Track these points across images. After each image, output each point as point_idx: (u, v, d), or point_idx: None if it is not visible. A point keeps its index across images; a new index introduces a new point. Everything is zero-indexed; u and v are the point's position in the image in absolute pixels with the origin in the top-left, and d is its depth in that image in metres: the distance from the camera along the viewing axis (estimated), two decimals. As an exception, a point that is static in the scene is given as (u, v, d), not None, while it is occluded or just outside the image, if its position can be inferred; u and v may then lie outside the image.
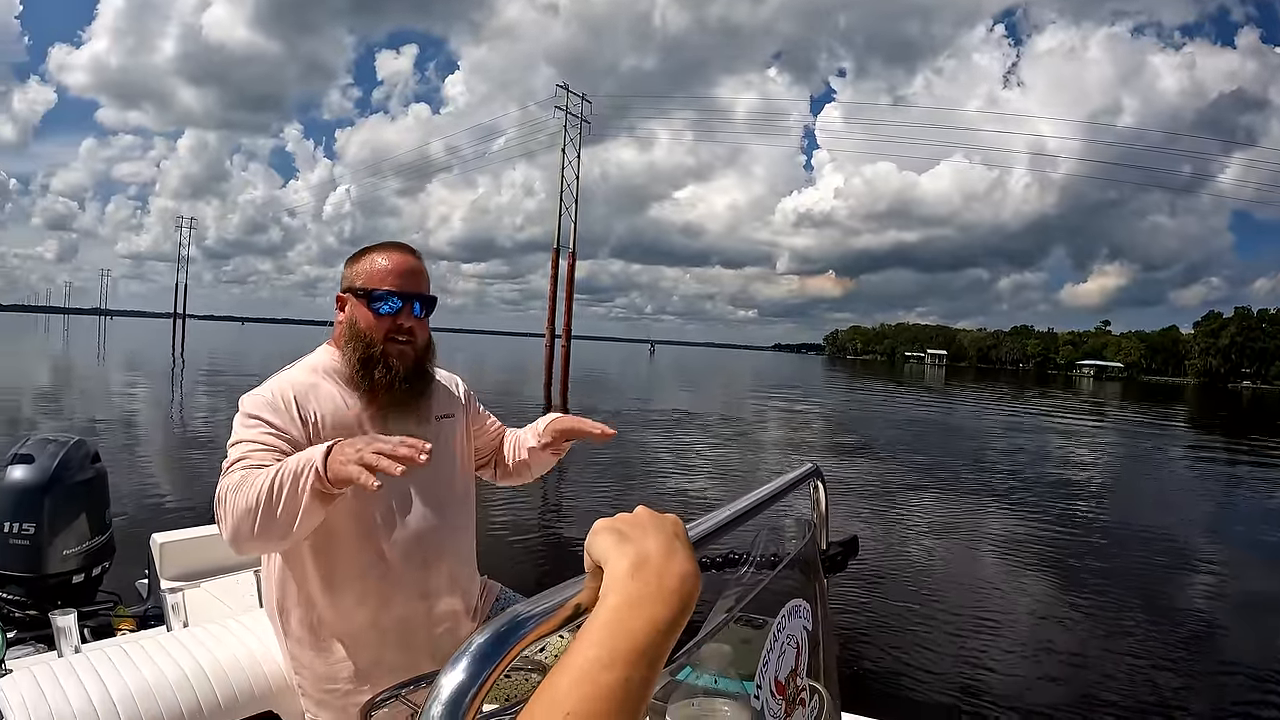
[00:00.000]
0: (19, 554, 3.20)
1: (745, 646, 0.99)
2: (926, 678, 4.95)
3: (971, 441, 21.41)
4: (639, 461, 14.27)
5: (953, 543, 9.10)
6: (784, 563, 1.08)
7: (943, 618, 6.21)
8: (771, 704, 1.00)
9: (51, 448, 3.34)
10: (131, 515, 7.66)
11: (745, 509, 0.94)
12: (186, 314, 71.00)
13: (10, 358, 39.38)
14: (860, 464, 14.84)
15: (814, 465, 1.25)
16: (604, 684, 0.48)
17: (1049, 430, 26.41)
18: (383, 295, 1.73)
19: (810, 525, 1.25)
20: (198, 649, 1.84)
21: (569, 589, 0.60)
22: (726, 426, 21.87)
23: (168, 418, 18.03)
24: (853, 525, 9.23)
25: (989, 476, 14.24)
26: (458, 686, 0.48)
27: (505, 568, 6.60)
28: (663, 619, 0.53)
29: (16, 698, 1.59)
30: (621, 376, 53.65)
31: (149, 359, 44.10)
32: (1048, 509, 11.20)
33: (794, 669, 1.07)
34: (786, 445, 18.47)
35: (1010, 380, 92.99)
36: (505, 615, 0.54)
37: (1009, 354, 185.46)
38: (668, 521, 0.63)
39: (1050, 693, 4.88)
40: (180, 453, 13.00)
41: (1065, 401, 47.35)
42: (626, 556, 0.57)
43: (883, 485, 12.65)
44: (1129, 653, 5.61)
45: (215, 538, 3.28)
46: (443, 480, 1.85)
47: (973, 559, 8.46)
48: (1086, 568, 8.14)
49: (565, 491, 11.60)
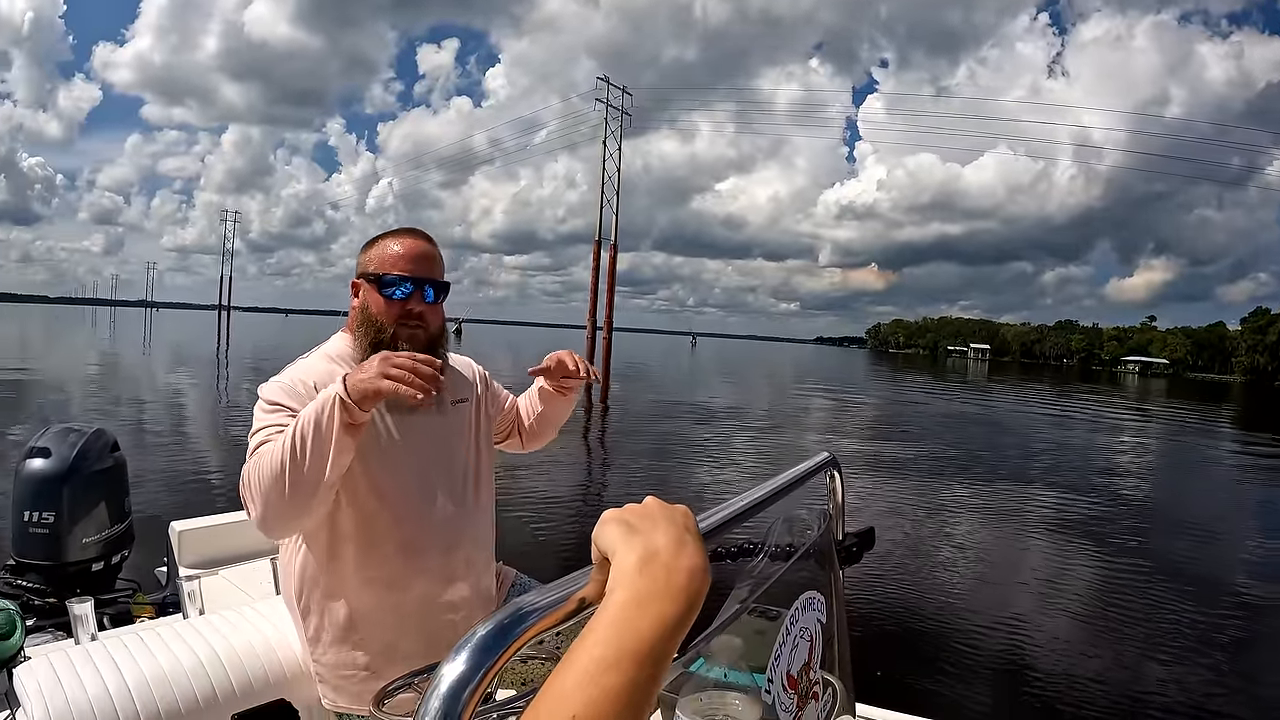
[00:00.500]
0: (39, 542, 3.23)
1: (759, 638, 0.98)
2: (943, 672, 4.93)
3: (1010, 437, 21.14)
4: (671, 451, 14.34)
5: (983, 538, 9.02)
6: (798, 554, 1.06)
7: (963, 613, 6.18)
8: (783, 698, 0.98)
9: (71, 437, 3.36)
10: (152, 503, 7.72)
11: (759, 499, 0.93)
12: (231, 306, 71.86)
13: (58, 349, 40.09)
14: (892, 457, 14.75)
15: (830, 455, 1.23)
16: (610, 685, 0.46)
17: (1090, 427, 25.97)
18: (394, 280, 1.72)
19: (826, 516, 1.23)
20: (214, 636, 1.85)
21: (575, 581, 0.58)
22: (762, 418, 21.81)
23: (203, 407, 18.40)
24: (885, 518, 9.27)
25: (1025, 473, 14.01)
26: (458, 678, 0.48)
27: (524, 555, 6.60)
28: (671, 616, 0.51)
29: (34, 684, 1.60)
30: (663, 369, 53.42)
31: (194, 350, 44.61)
32: (1083, 506, 11.02)
33: (807, 662, 1.06)
34: (820, 438, 18.39)
35: (1054, 376, 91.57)
36: (508, 607, 0.53)
37: (1053, 349, 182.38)
38: (678, 513, 0.62)
39: (1072, 692, 4.81)
40: (207, 441, 13.16)
41: (1109, 398, 46.44)
42: (634, 550, 0.55)
43: (913, 479, 12.53)
44: (1160, 655, 5.52)
45: (233, 525, 3.30)
46: (461, 464, 1.85)
47: (1000, 555, 8.38)
48: (1121, 566, 7.97)
49: (589, 479, 11.63)
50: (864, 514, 9.48)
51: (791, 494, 1.07)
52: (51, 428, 3.45)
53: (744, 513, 0.87)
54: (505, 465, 10.49)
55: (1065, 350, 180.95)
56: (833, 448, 1.36)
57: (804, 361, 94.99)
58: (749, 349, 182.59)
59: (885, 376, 59.93)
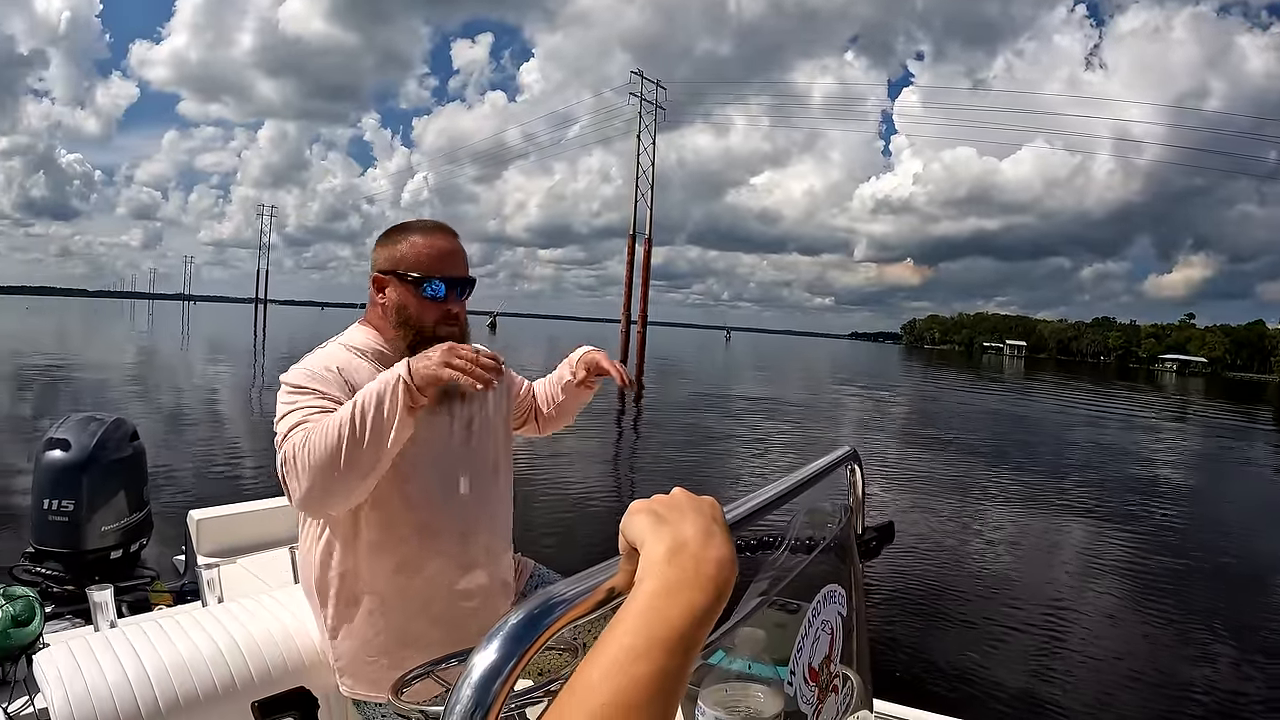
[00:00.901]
0: (58, 530, 3.26)
1: (779, 631, 0.98)
2: (960, 669, 4.88)
3: (1043, 435, 20.84)
4: (701, 444, 14.33)
5: (1009, 536, 8.89)
6: (820, 547, 1.06)
7: (984, 611, 6.10)
8: (805, 690, 0.99)
9: (91, 426, 3.39)
10: (171, 492, 7.79)
11: (782, 492, 0.93)
12: (268, 299, 72.68)
13: (95, 340, 40.97)
14: (922, 453, 14.61)
15: (851, 449, 1.23)
16: (640, 674, 0.47)
17: (1125, 426, 25.42)
18: (435, 281, 1.72)
19: (846, 509, 1.23)
20: (232, 624, 1.86)
21: (604, 572, 0.59)
22: (793, 413, 21.64)
23: (236, 398, 18.73)
24: (910, 513, 9.21)
25: (1057, 472, 13.76)
26: (490, 666, 0.48)
27: (543, 546, 6.61)
28: (700, 606, 0.51)
29: (54, 671, 1.61)
30: (697, 362, 52.75)
31: (231, 342, 45.24)
32: (1116, 507, 10.80)
33: (828, 655, 1.06)
34: (849, 433, 18.24)
35: (1090, 373, 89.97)
36: (539, 596, 0.53)
37: (1090, 346, 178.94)
38: (705, 504, 0.62)
39: (1098, 696, 4.74)
40: (235, 431, 13.28)
41: (1145, 396, 45.39)
42: (663, 540, 0.56)
43: (942, 475, 12.40)
44: (1192, 659, 5.40)
45: (251, 515, 3.33)
46: (483, 453, 1.85)
47: (1027, 554, 8.25)
48: (1154, 568, 7.77)
49: (618, 472, 11.60)
50: (890, 509, 9.44)
51: (813, 487, 1.07)
52: (71, 417, 3.48)
53: (768, 505, 0.87)
54: (534, 457, 10.50)
55: (1102, 347, 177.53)
56: (863, 442, 1.36)
57: (838, 357, 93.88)
58: (783, 344, 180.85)
59: (918, 372, 58.97)
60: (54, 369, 22.55)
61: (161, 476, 8.50)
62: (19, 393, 17.30)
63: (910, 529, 8.42)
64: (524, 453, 11.73)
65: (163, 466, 9.15)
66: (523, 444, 8.67)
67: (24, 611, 2.12)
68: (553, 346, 46.98)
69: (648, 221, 32.43)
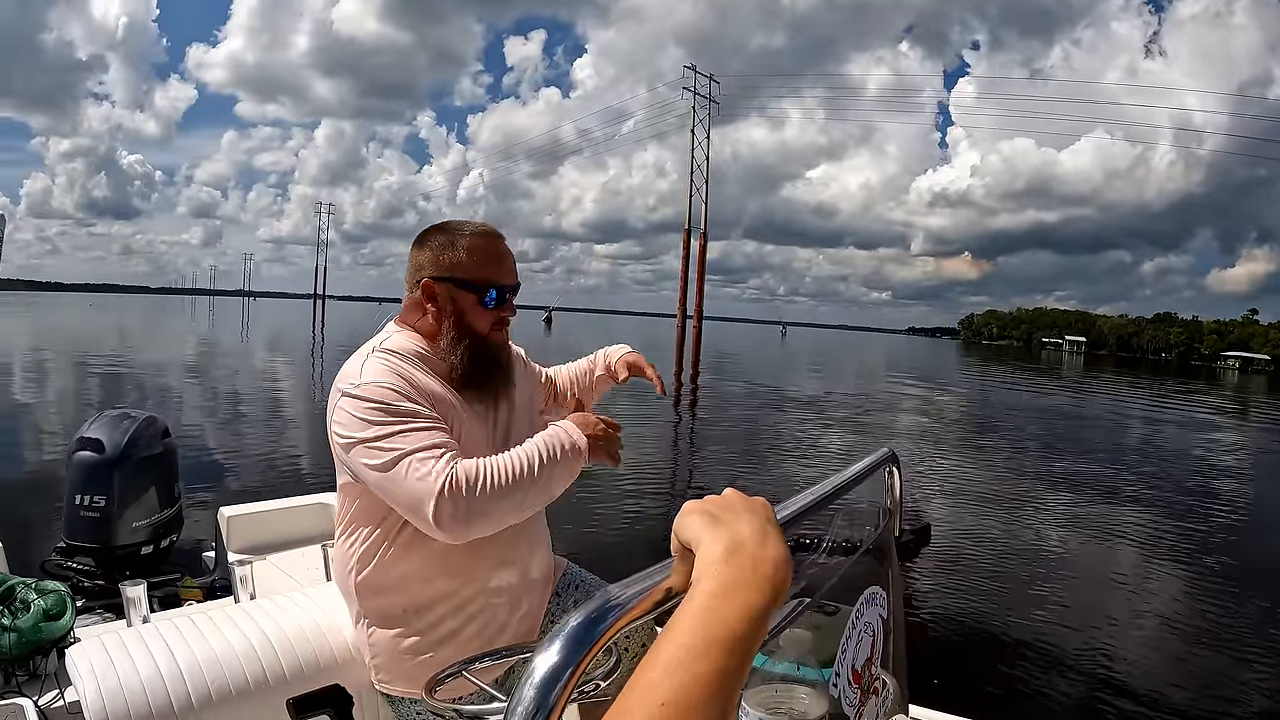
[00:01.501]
0: (89, 525, 3.31)
1: (819, 632, 0.97)
2: (998, 674, 4.81)
3: (1099, 434, 19.96)
4: (755, 443, 14.17)
5: (1057, 539, 8.57)
6: (861, 549, 1.05)
7: (1026, 617, 5.89)
8: (848, 692, 0.98)
9: (124, 424, 3.43)
10: (205, 488, 7.83)
11: (826, 494, 0.92)
12: (326, 295, 73.90)
13: (157, 336, 41.90)
14: (973, 451, 14.35)
15: (890, 450, 1.22)
16: (699, 673, 0.47)
17: (1185, 426, 24.16)
18: (494, 289, 1.72)
19: (885, 511, 1.22)
20: (265, 620, 1.86)
21: (659, 573, 0.58)
22: (845, 410, 21.21)
23: (284, 393, 18.94)
24: (956, 512, 9.04)
25: (1110, 472, 13.20)
26: (552, 668, 0.48)
27: (586, 545, 6.61)
28: (757, 606, 0.52)
29: (86, 665, 1.62)
30: (752, 358, 51.63)
31: (290, 338, 45.82)
32: (1173, 511, 10.23)
33: (869, 657, 1.05)
34: (901, 430, 17.74)
35: (1151, 370, 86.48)
36: (597, 599, 0.53)
37: (1150, 343, 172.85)
38: (758, 505, 0.62)
39: (1135, 706, 4.59)
40: (274, 427, 13.29)
41: (1206, 395, 42.87)
42: (720, 540, 0.56)
43: (990, 475, 12.06)
44: (1244, 669, 5.17)
45: (281, 512, 3.36)
46: None
47: (1072, 557, 7.93)
48: (1208, 575, 7.41)
49: (665, 469, 11.48)
50: (939, 508, 9.32)
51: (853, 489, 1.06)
52: (104, 414, 3.52)
53: (813, 507, 0.87)
54: None
55: (1164, 344, 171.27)
56: (914, 442, 1.34)
57: (894, 352, 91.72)
58: (839, 339, 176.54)
59: (974, 369, 57.01)
60: (112, 363, 23.19)
61: (197, 472, 8.56)
62: (67, 386, 17.88)
63: (958, 528, 8.28)
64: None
65: (205, 462, 9.24)
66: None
67: (56, 606, 2.14)
68: (609, 343, 46.95)
69: (703, 216, 32.51)
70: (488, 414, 1.77)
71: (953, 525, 8.54)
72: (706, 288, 31.61)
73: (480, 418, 1.74)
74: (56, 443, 9.90)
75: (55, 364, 23.98)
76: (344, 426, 1.57)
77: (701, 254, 31.96)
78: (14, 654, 1.98)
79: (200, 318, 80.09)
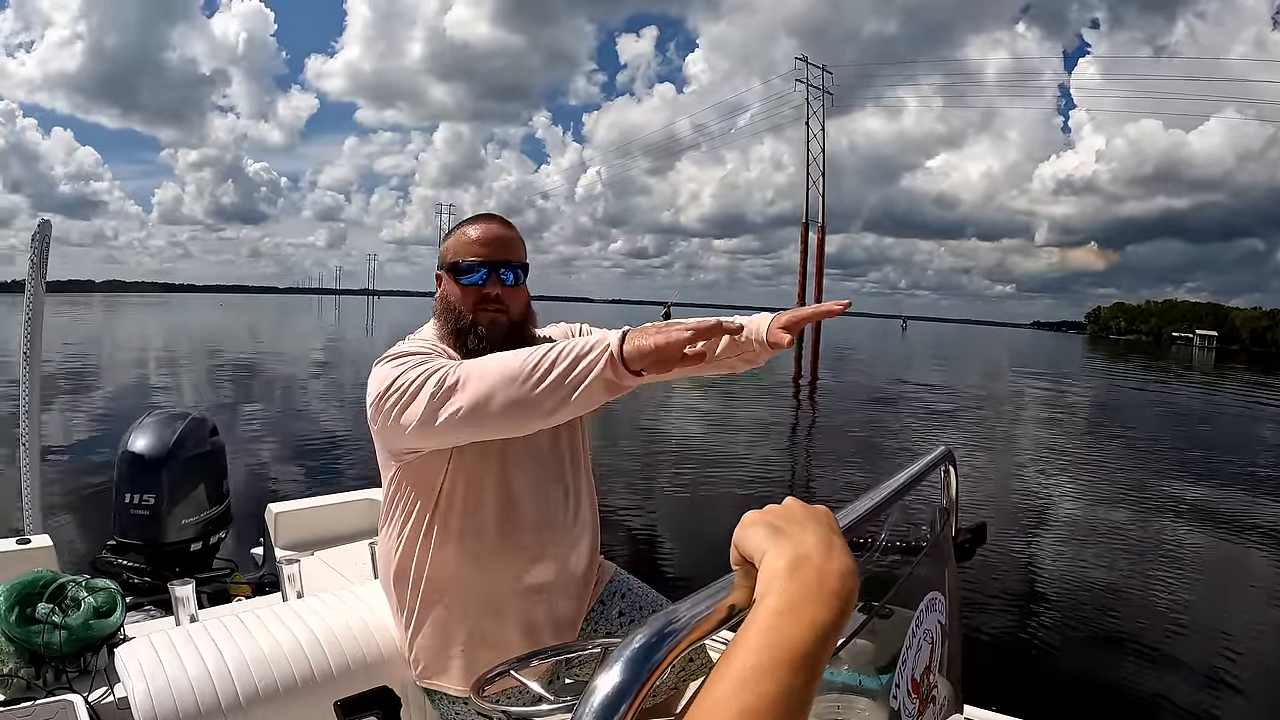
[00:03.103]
0: (139, 523, 3.37)
1: (873, 637, 0.94)
2: (1057, 675, 4.70)
3: (1219, 438, 17.84)
4: (869, 437, 13.85)
5: (1152, 545, 7.98)
6: (925, 550, 1.02)
7: (1095, 616, 5.72)
8: (908, 704, 0.95)
9: (173, 424, 3.50)
10: (250, 486, 7.92)
11: (886, 497, 0.89)
12: None
13: (287, 333, 44.15)
14: (1084, 451, 13.66)
15: (946, 449, 1.19)
16: (765, 693, 0.45)
17: None
18: (470, 266, 1.72)
19: (943, 512, 1.19)
20: (312, 618, 1.88)
21: (721, 589, 0.56)
22: (965, 408, 20.14)
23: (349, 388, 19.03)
24: (1063, 512, 8.74)
25: (1227, 479, 11.89)
26: (615, 689, 0.46)
27: (625, 550, 6.34)
28: (824, 622, 0.49)
29: (135, 663, 1.64)
30: (869, 353, 48.60)
31: (404, 332, 46.74)
32: None
33: (929, 666, 1.02)
34: (1024, 432, 16.60)
35: None
36: (660, 618, 0.51)
37: None
38: (821, 514, 0.59)
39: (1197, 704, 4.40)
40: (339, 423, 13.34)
41: None
42: (784, 554, 0.53)
43: (1098, 476, 11.35)
44: None
45: (330, 508, 3.40)
46: (565, 446, 1.83)
47: (1175, 567, 7.29)
48: None
49: (782, 462, 11.28)
50: (1048, 508, 9.03)
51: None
52: (152, 414, 3.59)
53: (873, 511, 0.84)
54: (672, 453, 10.38)
55: None
56: (1023, 442, 1.26)
57: (1017, 347, 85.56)
58: (961, 333, 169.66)
59: (1099, 365, 53.07)
60: (239, 358, 24.67)
61: (251, 470, 8.74)
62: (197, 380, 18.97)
63: (1054, 527, 8.10)
64: (658, 450, 11.72)
65: (258, 459, 9.39)
66: (651, 441, 8.31)
67: (106, 603, 2.16)
68: None
69: (820, 209, 32.11)
70: None
71: (1055, 522, 8.35)
72: (825, 282, 31.35)
73: None
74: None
75: (182, 358, 25.80)
76: (373, 392, 1.57)
77: (820, 247, 31.74)
78: (65, 651, 2.01)
79: (327, 315, 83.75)
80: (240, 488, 4.72)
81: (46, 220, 3.43)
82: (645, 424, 13.69)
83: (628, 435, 12.28)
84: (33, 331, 3.43)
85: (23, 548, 2.65)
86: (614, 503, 7.90)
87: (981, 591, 5.87)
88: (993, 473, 11.10)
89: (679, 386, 17.19)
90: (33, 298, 3.43)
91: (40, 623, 2.02)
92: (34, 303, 3.44)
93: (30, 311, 3.44)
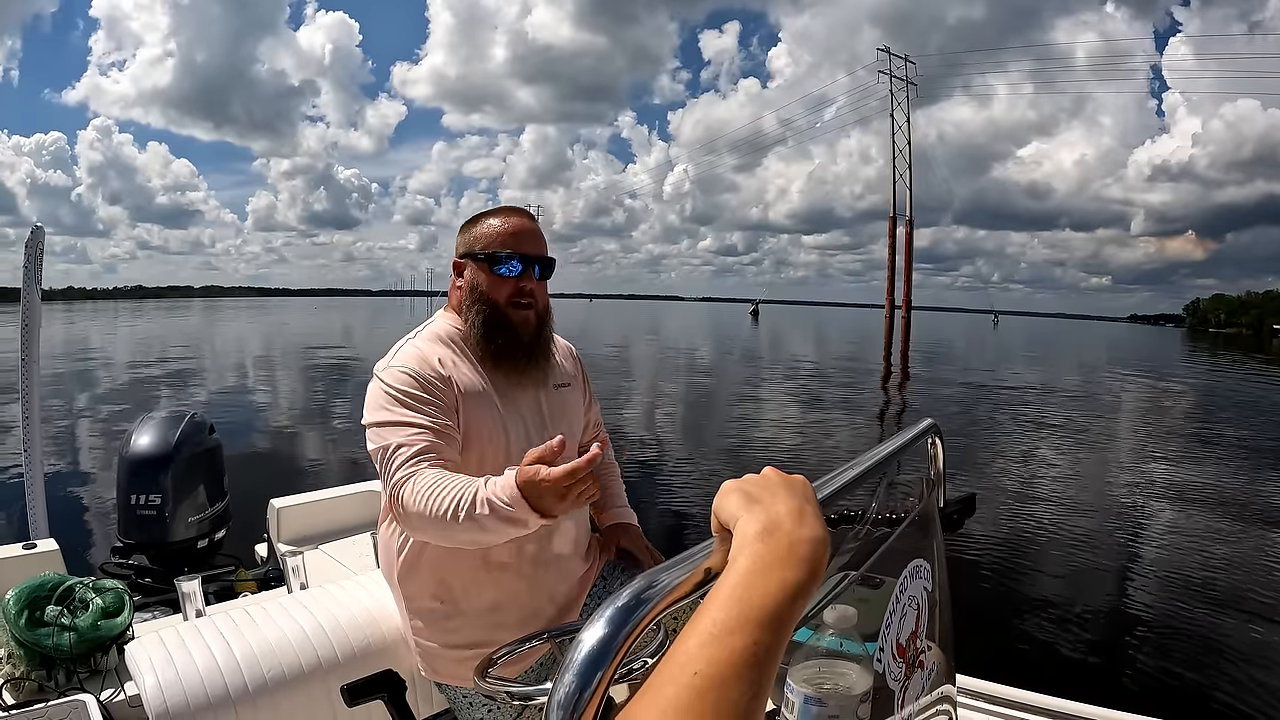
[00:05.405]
0: (146, 524, 3.39)
1: (863, 606, 0.97)
2: (1049, 644, 4.76)
3: None
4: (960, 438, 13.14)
5: (1212, 533, 7.85)
6: (906, 521, 1.05)
7: (1093, 589, 5.82)
8: (893, 667, 0.98)
9: (171, 424, 3.52)
10: (252, 481, 7.92)
11: (868, 468, 0.92)
12: None
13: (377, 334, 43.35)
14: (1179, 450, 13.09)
15: (932, 421, 1.21)
16: (734, 646, 0.47)
17: None
18: (505, 258, 1.72)
19: (930, 483, 1.22)
20: (317, 609, 1.90)
21: (699, 553, 0.59)
22: (1057, 409, 18.80)
23: None
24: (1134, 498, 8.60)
25: None
26: (598, 642, 0.49)
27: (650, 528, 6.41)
28: (792, 583, 0.52)
29: (145, 659, 1.67)
30: (963, 349, 45.83)
31: None
32: None
33: (914, 631, 1.05)
34: (1124, 432, 15.70)
35: None
36: (642, 578, 0.54)
37: None
38: (797, 483, 0.62)
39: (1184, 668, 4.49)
40: None
41: None
42: (756, 520, 0.56)
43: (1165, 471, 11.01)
44: None
45: (331, 501, 3.42)
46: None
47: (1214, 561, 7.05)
48: None
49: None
50: (1141, 503, 8.92)
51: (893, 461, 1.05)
52: (150, 416, 3.61)
53: (854, 482, 0.86)
54: None
55: None
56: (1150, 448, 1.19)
57: (1113, 341, 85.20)
58: (1055, 328, 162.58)
59: (1197, 359, 49.85)
60: None
61: (252, 465, 8.78)
62: None
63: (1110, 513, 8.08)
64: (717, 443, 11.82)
65: (273, 455, 9.31)
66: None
67: (114, 603, 2.18)
68: (819, 336, 44.32)
69: (908, 202, 31.67)
70: (521, 401, 1.77)
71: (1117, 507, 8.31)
72: (916, 276, 31.02)
73: (514, 404, 1.75)
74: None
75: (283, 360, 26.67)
76: (366, 406, 1.64)
77: (908, 241, 31.39)
78: (75, 652, 2.02)
79: (419, 314, 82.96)
80: (247, 485, 4.75)
81: (39, 227, 3.43)
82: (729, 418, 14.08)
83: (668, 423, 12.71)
84: (29, 338, 3.44)
85: (29, 552, 2.67)
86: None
87: (972, 562, 5.92)
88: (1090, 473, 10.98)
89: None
90: (28, 304, 3.44)
91: (49, 625, 2.04)
92: (29, 309, 3.44)
93: (26, 318, 3.45)
